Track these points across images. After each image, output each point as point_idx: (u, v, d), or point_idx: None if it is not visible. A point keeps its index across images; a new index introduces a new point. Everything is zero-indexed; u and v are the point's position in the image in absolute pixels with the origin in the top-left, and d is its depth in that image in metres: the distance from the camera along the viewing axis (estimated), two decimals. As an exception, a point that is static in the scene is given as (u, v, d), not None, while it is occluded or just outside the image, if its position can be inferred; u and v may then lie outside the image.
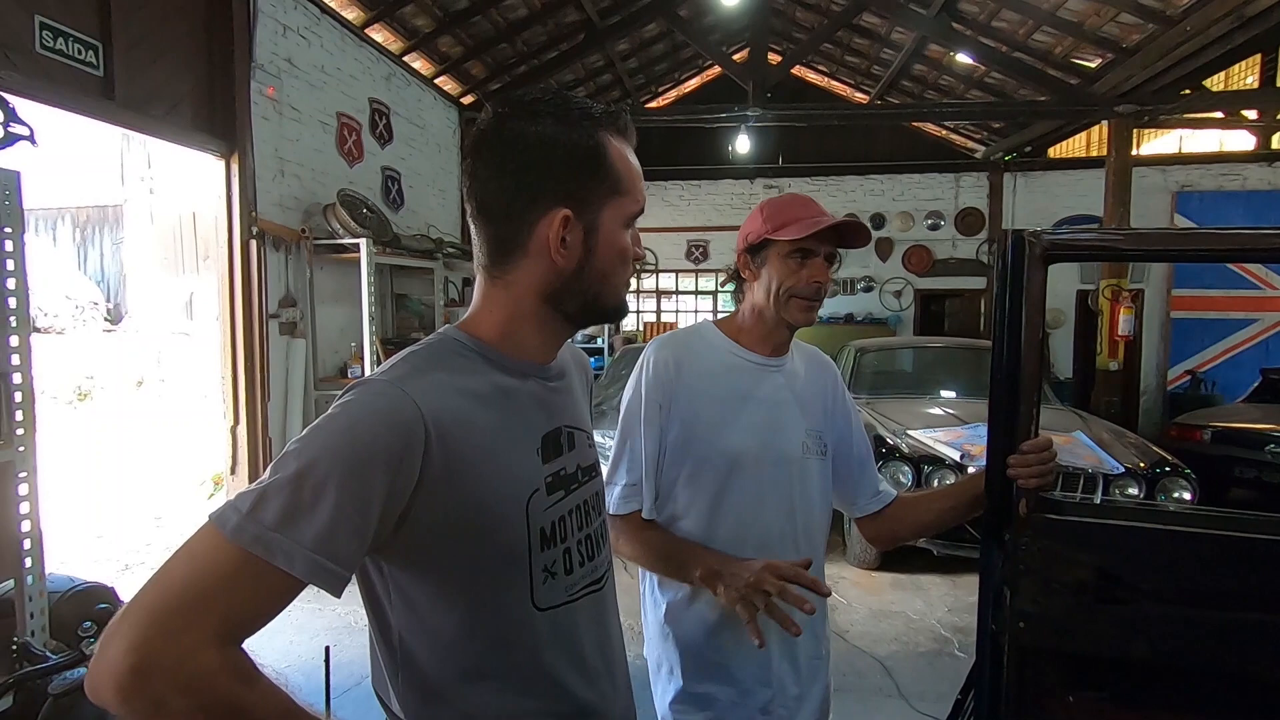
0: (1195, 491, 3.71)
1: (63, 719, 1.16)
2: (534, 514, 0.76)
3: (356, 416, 0.67)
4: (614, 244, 0.78)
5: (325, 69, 4.85)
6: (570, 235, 0.76)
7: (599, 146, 0.76)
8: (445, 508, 0.70)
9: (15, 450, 1.81)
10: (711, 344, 1.28)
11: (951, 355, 5.59)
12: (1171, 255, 1.28)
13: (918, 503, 1.38)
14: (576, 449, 0.85)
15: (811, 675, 1.26)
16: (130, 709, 0.56)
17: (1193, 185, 8.31)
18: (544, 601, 0.78)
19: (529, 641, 0.77)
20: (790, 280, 1.20)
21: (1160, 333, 8.37)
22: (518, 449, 0.77)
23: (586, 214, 0.76)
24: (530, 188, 0.75)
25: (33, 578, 1.82)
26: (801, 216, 1.19)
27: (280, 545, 0.61)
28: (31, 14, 2.86)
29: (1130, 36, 5.81)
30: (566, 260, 0.77)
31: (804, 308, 1.21)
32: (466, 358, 0.77)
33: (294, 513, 0.62)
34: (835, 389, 1.37)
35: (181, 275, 11.30)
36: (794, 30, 8.52)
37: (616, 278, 0.80)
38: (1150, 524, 1.14)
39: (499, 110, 0.77)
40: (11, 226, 1.78)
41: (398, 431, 0.66)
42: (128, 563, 4.48)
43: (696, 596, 1.21)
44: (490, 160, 0.76)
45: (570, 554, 0.81)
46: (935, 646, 3.29)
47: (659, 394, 1.22)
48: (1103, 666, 1.08)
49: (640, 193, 0.81)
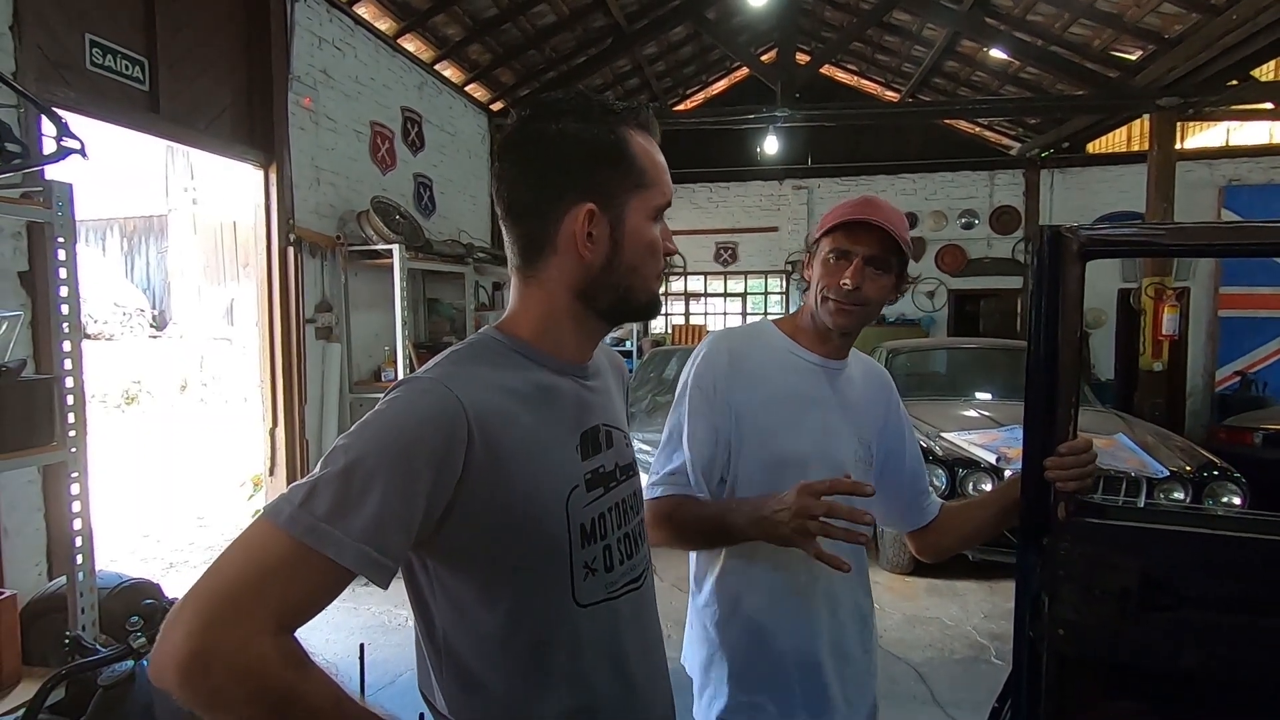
0: (1245, 496, 3.57)
1: (112, 710, 1.20)
2: (574, 510, 0.77)
3: (402, 412, 0.69)
4: (641, 236, 0.79)
5: (359, 79, 4.96)
6: (596, 229, 0.77)
7: (620, 140, 0.78)
8: (488, 502, 0.71)
9: (67, 452, 1.88)
10: (770, 342, 1.25)
11: (986, 356, 5.47)
12: (1218, 250, 1.24)
13: (961, 513, 1.34)
14: (614, 447, 0.86)
15: (860, 686, 1.23)
16: (190, 693, 0.58)
17: (1241, 179, 8.00)
18: (585, 598, 0.78)
19: (570, 638, 0.78)
20: (826, 280, 1.18)
21: (1207, 332, 8.07)
22: (557, 446, 0.78)
23: (612, 208, 0.78)
24: (554, 184, 0.77)
25: (83, 574, 1.89)
26: (848, 215, 1.16)
27: (330, 536, 0.63)
28: (82, 33, 2.98)
29: (1173, 27, 5.63)
30: (594, 254, 0.78)
31: (833, 310, 1.17)
32: (506, 356, 0.79)
33: (343, 505, 0.64)
34: (890, 401, 1.34)
35: (223, 282, 11.67)
36: (823, 30, 8.44)
37: (646, 270, 0.81)
38: (1198, 528, 1.10)
39: (523, 113, 0.79)
40: (65, 236, 1.85)
41: (441, 426, 0.68)
42: (172, 561, 4.62)
43: (744, 603, 1.18)
44: (516, 161, 0.79)
45: (610, 551, 0.81)
46: (971, 653, 3.22)
47: (712, 387, 1.19)
48: (1145, 677, 1.05)
49: (666, 185, 0.82)
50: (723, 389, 1.18)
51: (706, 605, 1.22)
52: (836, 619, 1.20)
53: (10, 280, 2.56)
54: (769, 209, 9.38)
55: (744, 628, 1.18)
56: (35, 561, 2.65)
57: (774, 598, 1.17)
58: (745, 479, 1.19)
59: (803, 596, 1.17)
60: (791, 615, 1.17)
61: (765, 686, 1.17)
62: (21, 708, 1.21)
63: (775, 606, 1.17)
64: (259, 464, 4.27)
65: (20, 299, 2.57)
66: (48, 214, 1.84)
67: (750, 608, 1.18)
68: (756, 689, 1.17)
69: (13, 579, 2.45)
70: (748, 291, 9.75)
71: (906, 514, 1.34)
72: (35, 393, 1.84)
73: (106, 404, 9.50)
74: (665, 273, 0.85)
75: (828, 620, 1.18)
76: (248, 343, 9.92)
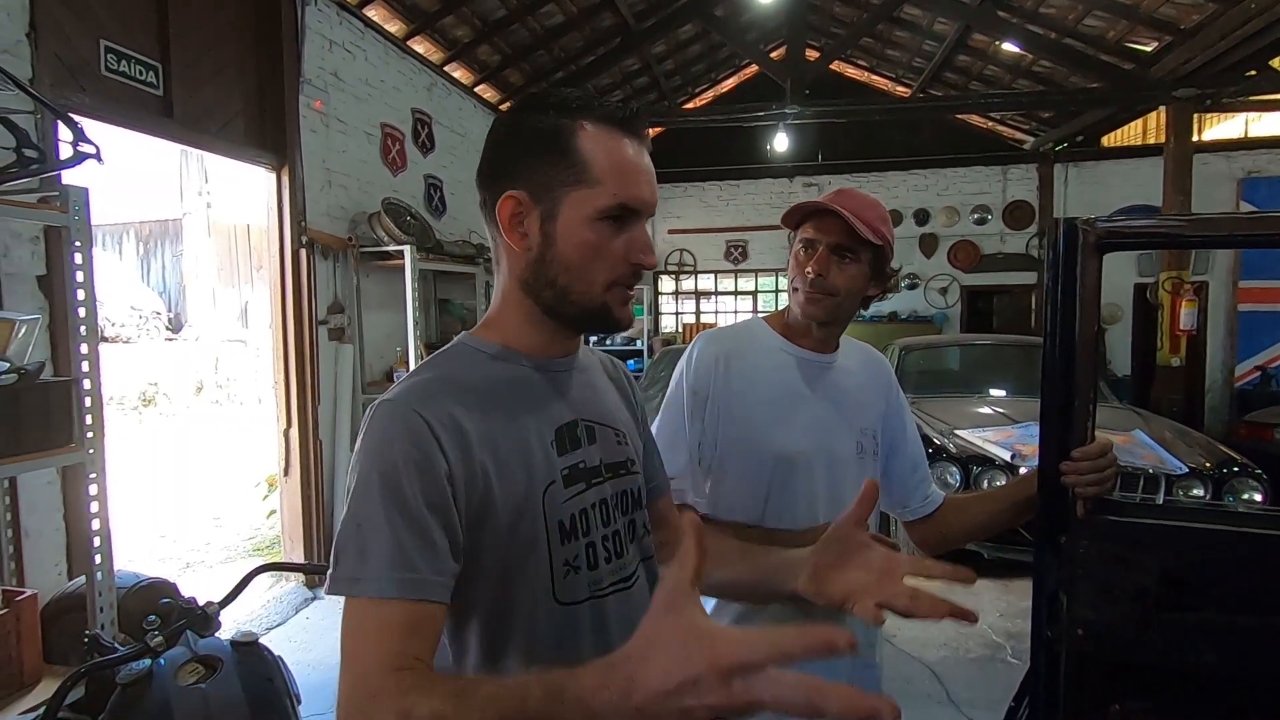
0: (1267, 492, 3.52)
1: (130, 707, 1.21)
2: (550, 506, 0.77)
3: (374, 443, 0.71)
4: (576, 235, 0.75)
5: (369, 81, 4.99)
6: (528, 220, 0.77)
7: (559, 130, 0.75)
8: (465, 503, 0.72)
9: (85, 453, 1.90)
10: (761, 340, 1.24)
11: (1000, 353, 5.42)
12: (1240, 240, 1.20)
13: (967, 505, 1.33)
14: (598, 443, 0.84)
15: (864, 684, 1.22)
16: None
17: (1260, 171, 7.88)
18: (566, 596, 0.77)
19: (552, 636, 0.77)
20: (795, 270, 1.20)
21: (1226, 326, 7.96)
22: (530, 442, 0.77)
23: (544, 200, 0.76)
24: (494, 171, 0.79)
25: (102, 574, 1.91)
26: (810, 204, 1.18)
27: (364, 584, 0.66)
28: (97, 39, 3.01)
29: (1189, 17, 5.55)
30: (524, 245, 0.77)
31: (803, 300, 1.18)
32: (472, 359, 0.81)
33: (363, 549, 0.67)
34: (890, 387, 1.32)
35: (237, 285, 11.78)
36: (832, 25, 8.39)
37: (586, 273, 0.76)
38: (1219, 525, 1.08)
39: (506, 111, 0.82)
40: (81, 241, 1.87)
41: (411, 439, 0.70)
42: (189, 561, 4.68)
43: (758, 613, 1.15)
44: (482, 151, 0.81)
45: (595, 549, 0.80)
46: (986, 652, 3.20)
47: (702, 388, 1.18)
48: (1165, 677, 1.03)
49: (627, 188, 0.75)
50: (716, 393, 1.17)
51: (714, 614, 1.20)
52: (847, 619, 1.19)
53: (28, 284, 2.60)
54: (780, 206, 9.29)
55: None
56: (55, 562, 2.68)
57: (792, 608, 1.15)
58: (741, 478, 1.18)
59: None
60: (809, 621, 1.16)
61: None
62: (42, 705, 1.22)
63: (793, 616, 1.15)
64: (274, 464, 4.30)
65: (38, 302, 2.60)
66: (64, 218, 1.86)
67: (765, 616, 1.15)
68: None
69: (33, 579, 2.48)
70: (758, 289, 9.71)
71: (909, 500, 1.33)
72: (53, 395, 1.86)
73: (124, 406, 9.62)
74: (629, 285, 0.79)
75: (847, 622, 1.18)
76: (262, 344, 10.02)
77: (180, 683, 1.25)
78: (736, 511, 1.18)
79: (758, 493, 1.17)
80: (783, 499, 1.17)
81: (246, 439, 7.94)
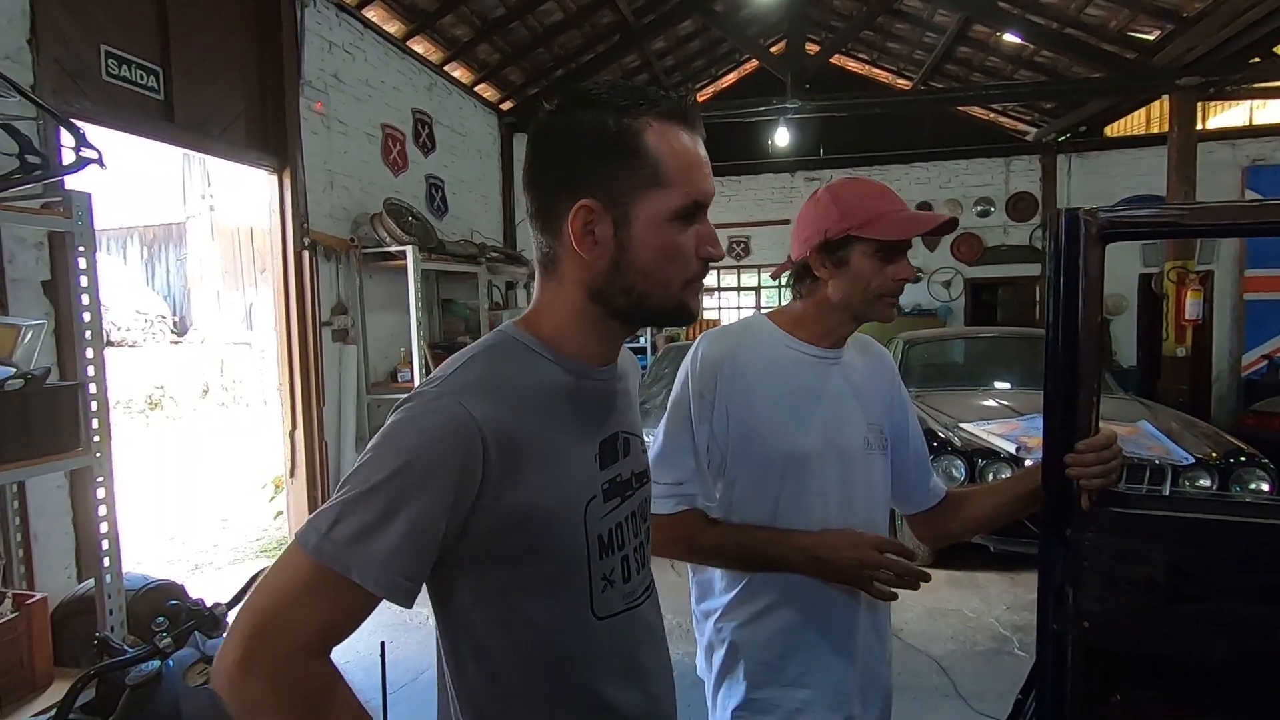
0: (1274, 482, 3.50)
1: (140, 708, 1.22)
2: (592, 521, 0.75)
3: (416, 431, 0.67)
4: (653, 239, 0.72)
5: (369, 82, 4.99)
6: (599, 228, 0.72)
7: (627, 132, 0.71)
8: (505, 515, 0.69)
9: (93, 457, 1.91)
10: (767, 338, 1.22)
11: (1004, 345, 5.40)
12: (1245, 229, 1.20)
13: (970, 498, 1.32)
14: (631, 455, 0.82)
15: (875, 676, 1.22)
16: (234, 699, 0.63)
17: (1265, 159, 7.82)
18: (603, 610, 0.76)
19: (588, 651, 0.76)
20: (879, 279, 1.14)
21: (1233, 316, 7.91)
22: (576, 454, 0.76)
23: (616, 206, 0.72)
24: (557, 178, 0.74)
25: (110, 576, 1.92)
26: (887, 210, 1.12)
27: (355, 563, 0.64)
28: (98, 44, 3.02)
29: (1192, 4, 5.51)
30: (597, 255, 0.73)
31: (891, 305, 1.18)
32: (525, 356, 0.75)
33: (365, 531, 0.65)
34: (893, 381, 1.32)
35: (241, 287, 11.81)
36: (832, 19, 8.36)
37: (664, 276, 0.74)
38: (1226, 516, 1.07)
39: (548, 104, 0.75)
40: (85, 245, 1.88)
41: (456, 445, 0.66)
42: (197, 563, 4.70)
43: (756, 598, 1.17)
44: (531, 154, 0.76)
45: (628, 561, 0.79)
46: (994, 645, 3.19)
47: (709, 390, 1.16)
48: (1172, 669, 1.03)
49: (695, 184, 0.74)
50: (724, 393, 1.16)
51: (719, 601, 1.21)
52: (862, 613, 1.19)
53: (33, 289, 2.61)
54: (781, 201, 9.31)
55: (758, 622, 1.17)
56: (65, 565, 2.70)
57: (809, 599, 1.15)
58: (753, 480, 1.17)
59: (836, 596, 1.16)
60: (825, 615, 1.16)
61: (780, 681, 1.16)
62: (53, 708, 1.23)
63: (811, 608, 1.16)
64: (280, 466, 4.32)
65: (43, 308, 2.61)
66: (68, 224, 1.87)
67: (783, 609, 1.16)
68: (772, 684, 1.16)
69: (43, 582, 2.50)
70: (761, 285, 9.70)
71: (912, 494, 1.32)
72: (60, 399, 1.88)
73: (130, 410, 9.67)
74: (701, 279, 0.78)
75: (862, 615, 1.18)
76: (266, 347, 10.05)
77: (189, 683, 1.26)
78: (749, 513, 1.17)
79: (769, 494, 1.16)
80: (795, 499, 1.16)
81: (253, 441, 7.97)
